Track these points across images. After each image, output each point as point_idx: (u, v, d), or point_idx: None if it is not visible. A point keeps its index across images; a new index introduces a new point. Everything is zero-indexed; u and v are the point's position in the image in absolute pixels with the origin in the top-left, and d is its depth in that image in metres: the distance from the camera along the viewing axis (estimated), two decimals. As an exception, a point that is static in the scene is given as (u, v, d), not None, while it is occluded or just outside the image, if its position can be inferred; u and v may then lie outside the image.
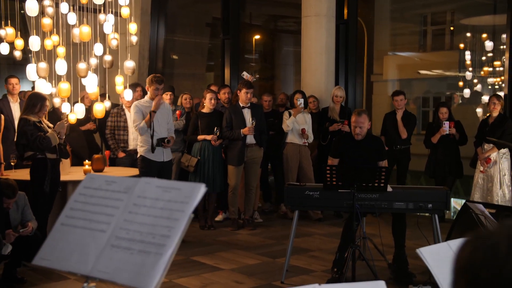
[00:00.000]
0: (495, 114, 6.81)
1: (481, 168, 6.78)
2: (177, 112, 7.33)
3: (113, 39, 6.16)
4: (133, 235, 1.60)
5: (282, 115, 7.80)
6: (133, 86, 7.30)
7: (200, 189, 1.60)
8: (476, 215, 3.32)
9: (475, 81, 11.37)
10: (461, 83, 11.80)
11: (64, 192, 6.05)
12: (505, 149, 6.48)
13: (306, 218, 7.65)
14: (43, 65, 5.76)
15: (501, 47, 9.98)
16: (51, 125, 5.54)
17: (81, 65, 5.92)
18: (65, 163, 6.26)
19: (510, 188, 6.61)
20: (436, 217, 4.97)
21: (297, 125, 7.60)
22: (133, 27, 6.53)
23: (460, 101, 12.32)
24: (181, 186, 1.64)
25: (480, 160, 6.81)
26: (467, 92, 10.89)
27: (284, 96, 8.67)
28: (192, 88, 12.14)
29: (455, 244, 2.19)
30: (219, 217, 7.69)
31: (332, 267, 5.22)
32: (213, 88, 8.06)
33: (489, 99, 6.97)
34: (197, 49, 13.11)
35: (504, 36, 8.81)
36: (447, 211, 6.70)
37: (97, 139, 8.65)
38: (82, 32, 6.01)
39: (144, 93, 7.46)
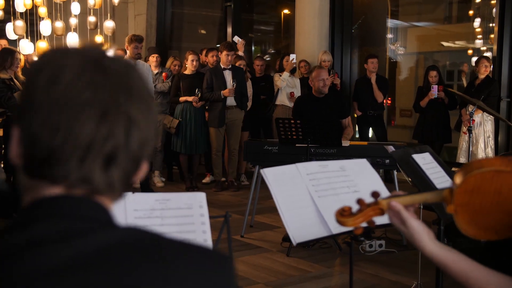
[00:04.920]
0: (482, 76, 6.63)
1: (464, 129, 6.64)
2: (163, 74, 7.39)
3: (91, -1, 6.25)
4: None
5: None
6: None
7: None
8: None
9: (483, 48, 11.02)
10: (470, 52, 11.45)
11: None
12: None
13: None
14: (19, 23, 5.89)
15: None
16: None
17: (58, 24, 6.02)
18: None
19: (494, 150, 6.44)
20: (395, 172, 4.91)
21: (287, 87, 7.59)
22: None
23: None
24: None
25: (464, 121, 6.67)
26: (474, 60, 10.56)
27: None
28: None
29: (303, 166, 2.18)
30: (206, 179, 7.76)
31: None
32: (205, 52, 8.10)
33: (478, 62, 6.80)
34: (207, 21, 13.09)
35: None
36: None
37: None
38: (60, -9, 6.12)
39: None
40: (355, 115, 7.93)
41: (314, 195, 2.10)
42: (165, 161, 7.86)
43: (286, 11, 14.48)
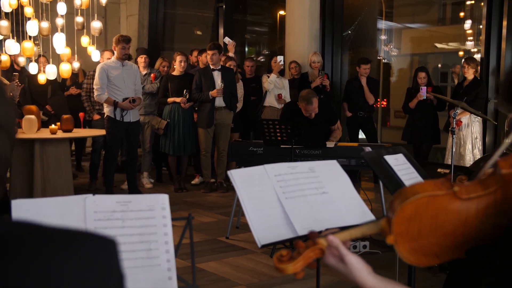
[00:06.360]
0: (470, 77, 6.64)
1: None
2: (152, 75, 7.37)
3: (77, -1, 6.22)
4: None
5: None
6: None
7: None
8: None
9: (474, 50, 11.05)
10: (461, 53, 11.48)
11: (31, 149, 6.20)
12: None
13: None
14: (4, 23, 5.86)
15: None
16: (7, 82, 5.63)
17: (44, 24, 5.99)
18: (33, 123, 6.38)
19: (482, 152, 6.44)
20: (380, 174, 4.89)
21: (275, 89, 7.57)
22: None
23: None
24: None
25: (451, 123, 6.67)
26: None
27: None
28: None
29: (271, 167, 2.16)
30: (195, 181, 7.74)
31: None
32: (195, 53, 8.09)
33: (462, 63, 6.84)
34: (200, 22, 13.06)
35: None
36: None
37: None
38: (46, -9, 6.09)
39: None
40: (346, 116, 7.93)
41: (281, 196, 2.08)
42: (154, 162, 7.84)
43: (281, 12, 14.45)
